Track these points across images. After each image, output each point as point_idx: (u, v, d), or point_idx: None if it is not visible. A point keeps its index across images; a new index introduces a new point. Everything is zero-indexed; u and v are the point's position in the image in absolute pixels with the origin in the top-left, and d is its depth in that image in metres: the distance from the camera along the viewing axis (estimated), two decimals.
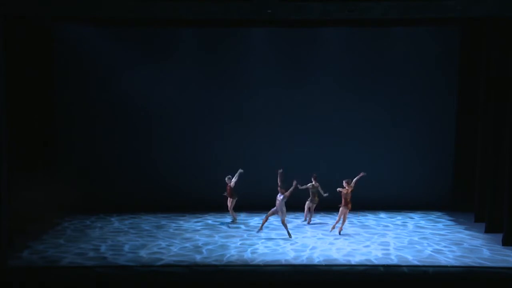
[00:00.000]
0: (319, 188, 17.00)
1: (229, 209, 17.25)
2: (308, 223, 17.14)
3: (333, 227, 15.89)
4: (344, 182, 15.63)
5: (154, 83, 18.87)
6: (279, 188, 15.32)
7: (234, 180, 16.94)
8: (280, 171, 15.39)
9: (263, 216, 15.67)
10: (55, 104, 18.44)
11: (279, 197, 15.29)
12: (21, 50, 16.00)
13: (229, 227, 16.79)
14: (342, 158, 18.90)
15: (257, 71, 19.02)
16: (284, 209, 15.31)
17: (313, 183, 17.02)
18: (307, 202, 17.21)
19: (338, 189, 15.70)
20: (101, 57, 18.67)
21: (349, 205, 15.61)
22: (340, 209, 15.59)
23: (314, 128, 19.08)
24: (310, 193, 17.09)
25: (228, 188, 17.07)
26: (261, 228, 15.79)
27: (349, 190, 15.56)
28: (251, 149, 19.09)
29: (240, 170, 16.89)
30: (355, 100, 19.00)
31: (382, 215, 18.33)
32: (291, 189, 15.20)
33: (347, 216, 15.89)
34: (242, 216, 17.79)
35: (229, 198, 17.14)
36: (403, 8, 13.57)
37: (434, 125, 19.20)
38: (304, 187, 16.79)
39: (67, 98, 18.64)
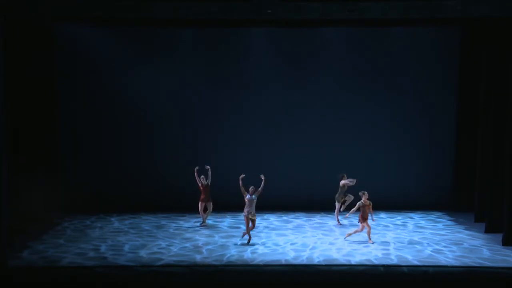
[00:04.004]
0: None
1: (199, 211, 16.83)
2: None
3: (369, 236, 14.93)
4: (360, 193, 14.92)
5: (154, 83, 18.88)
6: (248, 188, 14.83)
7: (209, 179, 16.48)
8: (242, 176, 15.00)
9: (264, 216, 15.55)
10: (55, 104, 18.41)
11: (251, 197, 14.76)
12: (21, 50, 15.98)
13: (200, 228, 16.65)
14: (342, 158, 18.86)
15: (257, 71, 19.02)
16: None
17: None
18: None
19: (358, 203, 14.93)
20: (101, 57, 18.69)
21: (367, 220, 14.80)
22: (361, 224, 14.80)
23: (314, 128, 19.07)
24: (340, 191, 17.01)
25: (204, 188, 16.66)
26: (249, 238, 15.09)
27: (367, 203, 14.75)
28: (251, 149, 19.08)
29: (207, 167, 16.55)
30: (355, 100, 19.00)
31: (382, 215, 18.29)
32: (262, 184, 14.72)
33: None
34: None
35: (207, 202, 16.66)
36: (403, 8, 13.58)
37: (434, 125, 19.18)
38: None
39: (67, 98, 18.64)
